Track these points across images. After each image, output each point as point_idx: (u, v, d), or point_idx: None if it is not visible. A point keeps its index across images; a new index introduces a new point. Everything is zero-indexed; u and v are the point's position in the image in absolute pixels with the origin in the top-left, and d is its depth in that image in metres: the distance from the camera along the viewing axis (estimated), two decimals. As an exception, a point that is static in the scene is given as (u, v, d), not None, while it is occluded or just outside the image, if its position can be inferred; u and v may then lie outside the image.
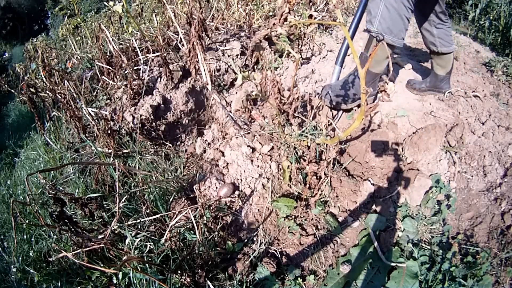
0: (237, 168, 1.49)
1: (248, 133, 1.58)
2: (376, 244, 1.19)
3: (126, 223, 1.24)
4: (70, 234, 0.92)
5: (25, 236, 1.48)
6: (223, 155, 1.57)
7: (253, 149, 1.53)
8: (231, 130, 1.66)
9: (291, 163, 1.36)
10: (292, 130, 1.52)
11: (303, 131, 1.47)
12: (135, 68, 2.34)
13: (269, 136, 1.52)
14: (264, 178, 1.44)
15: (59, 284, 1.23)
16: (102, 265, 1.16)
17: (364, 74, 0.91)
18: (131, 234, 1.18)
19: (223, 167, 1.53)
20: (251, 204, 1.40)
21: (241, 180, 1.48)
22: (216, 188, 1.43)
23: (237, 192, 1.43)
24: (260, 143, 1.54)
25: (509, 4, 2.47)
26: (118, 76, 2.36)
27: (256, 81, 1.15)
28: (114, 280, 1.16)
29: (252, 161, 1.49)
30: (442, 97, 1.68)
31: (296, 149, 1.42)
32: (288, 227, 1.30)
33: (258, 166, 1.48)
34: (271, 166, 1.47)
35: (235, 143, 1.56)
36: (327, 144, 1.35)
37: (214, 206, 1.33)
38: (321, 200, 1.33)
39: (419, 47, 2.55)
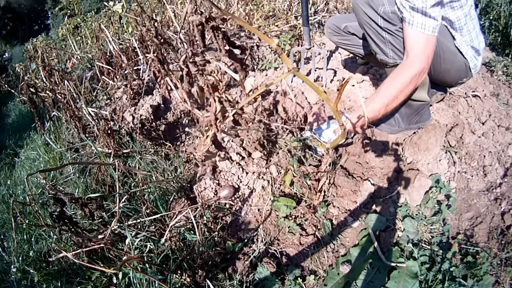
0: (232, 174, 1.49)
1: (236, 137, 1.58)
2: (376, 244, 1.19)
3: (126, 223, 1.24)
4: (70, 234, 0.92)
5: (25, 236, 1.48)
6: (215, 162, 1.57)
7: (243, 157, 1.54)
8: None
9: (292, 165, 1.36)
10: (286, 135, 1.52)
11: (300, 138, 1.47)
12: (135, 68, 2.34)
13: (259, 140, 1.51)
14: (264, 180, 1.44)
15: (59, 284, 1.23)
16: (102, 265, 1.16)
17: (335, 107, 0.86)
18: (131, 234, 1.18)
19: (217, 172, 1.53)
20: (250, 205, 1.40)
21: (241, 181, 1.48)
22: (212, 189, 1.43)
23: (237, 194, 1.43)
24: (248, 151, 1.55)
25: (509, 4, 2.47)
26: (118, 76, 2.36)
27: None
28: (114, 280, 1.16)
29: (243, 168, 1.49)
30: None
31: (294, 153, 1.42)
32: (288, 227, 1.30)
33: (253, 173, 1.48)
34: (270, 169, 1.47)
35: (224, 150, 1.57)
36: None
37: (214, 206, 1.33)
38: (324, 201, 1.33)
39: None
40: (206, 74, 0.65)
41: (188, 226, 1.29)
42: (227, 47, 0.62)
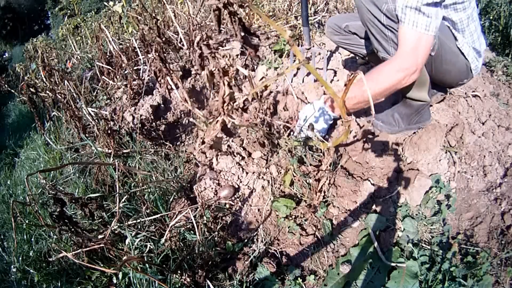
0: (232, 174, 1.49)
1: (237, 137, 1.58)
2: (376, 244, 1.19)
3: (126, 223, 1.24)
4: (70, 234, 0.92)
5: (25, 236, 1.48)
6: (214, 161, 1.57)
7: (243, 157, 1.54)
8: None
9: (292, 165, 1.36)
10: (286, 135, 1.52)
11: (299, 138, 1.47)
12: (135, 68, 2.34)
13: (259, 140, 1.51)
14: (264, 180, 1.44)
15: (59, 284, 1.23)
16: (102, 265, 1.16)
17: (341, 103, 0.87)
18: (131, 234, 1.18)
19: (217, 172, 1.53)
20: (250, 205, 1.40)
21: (241, 181, 1.48)
22: (212, 189, 1.43)
23: (237, 194, 1.43)
24: (248, 151, 1.55)
25: (509, 4, 2.47)
26: (118, 76, 2.36)
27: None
28: (114, 280, 1.16)
29: (243, 168, 1.49)
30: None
31: (294, 153, 1.42)
32: (288, 227, 1.30)
33: (253, 173, 1.48)
34: (270, 169, 1.47)
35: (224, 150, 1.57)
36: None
37: (214, 206, 1.33)
38: (324, 201, 1.33)
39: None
40: (218, 58, 0.64)
41: (188, 226, 1.29)
42: (242, 33, 0.62)
